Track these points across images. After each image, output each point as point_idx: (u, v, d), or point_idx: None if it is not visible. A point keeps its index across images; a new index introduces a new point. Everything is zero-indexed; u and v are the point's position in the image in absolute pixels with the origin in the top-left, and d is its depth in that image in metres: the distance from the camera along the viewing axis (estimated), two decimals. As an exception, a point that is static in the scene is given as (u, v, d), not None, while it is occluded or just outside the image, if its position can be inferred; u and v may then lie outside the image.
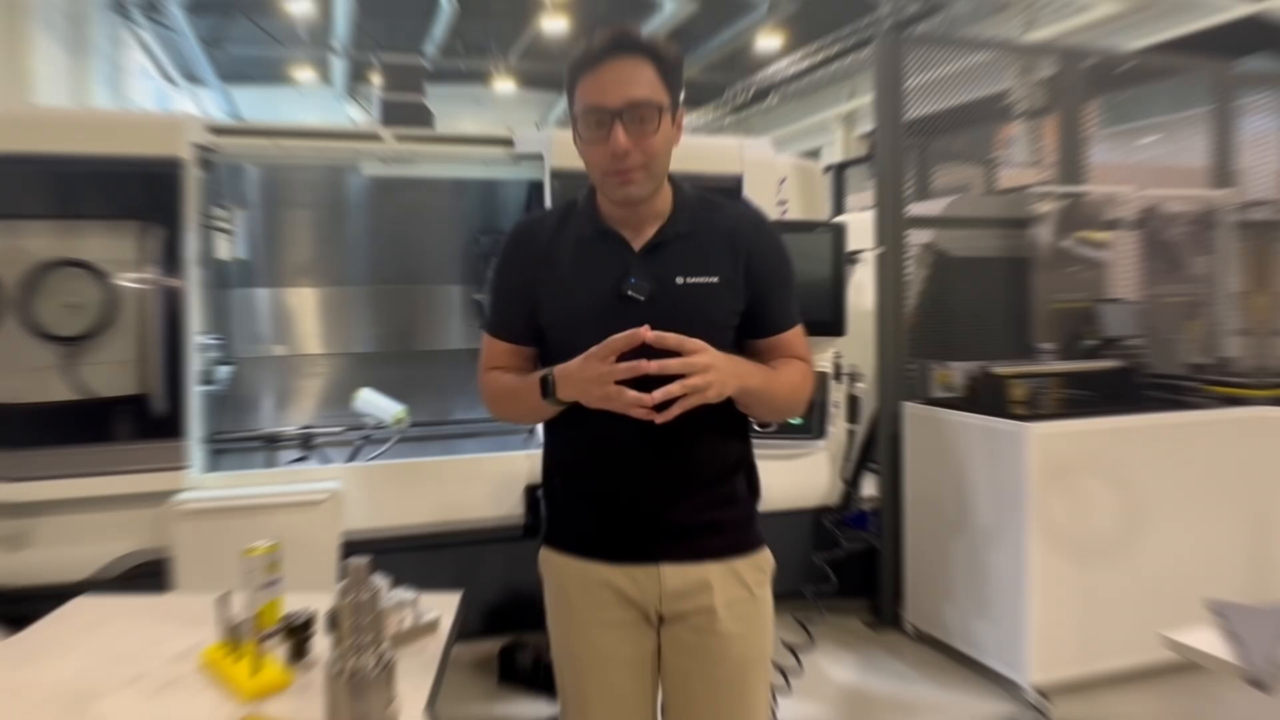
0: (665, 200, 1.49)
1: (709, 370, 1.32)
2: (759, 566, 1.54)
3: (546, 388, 1.39)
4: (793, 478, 3.51)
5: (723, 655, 1.47)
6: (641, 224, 1.48)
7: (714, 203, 1.55)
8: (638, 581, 1.47)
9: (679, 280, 1.45)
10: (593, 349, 1.32)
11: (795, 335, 1.55)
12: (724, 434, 1.51)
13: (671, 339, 1.31)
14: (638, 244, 1.47)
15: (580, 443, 1.50)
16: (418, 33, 14.18)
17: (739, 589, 1.49)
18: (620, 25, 1.42)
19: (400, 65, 3.66)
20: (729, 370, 1.35)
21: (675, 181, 1.51)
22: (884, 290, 3.59)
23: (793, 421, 2.69)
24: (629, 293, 1.43)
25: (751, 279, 1.49)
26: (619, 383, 1.31)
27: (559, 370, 1.38)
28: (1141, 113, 4.46)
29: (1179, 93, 4.29)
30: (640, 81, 1.38)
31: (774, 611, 1.57)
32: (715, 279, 1.46)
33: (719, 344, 1.46)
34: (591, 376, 1.32)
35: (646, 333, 1.30)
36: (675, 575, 1.47)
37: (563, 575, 1.52)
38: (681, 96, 1.46)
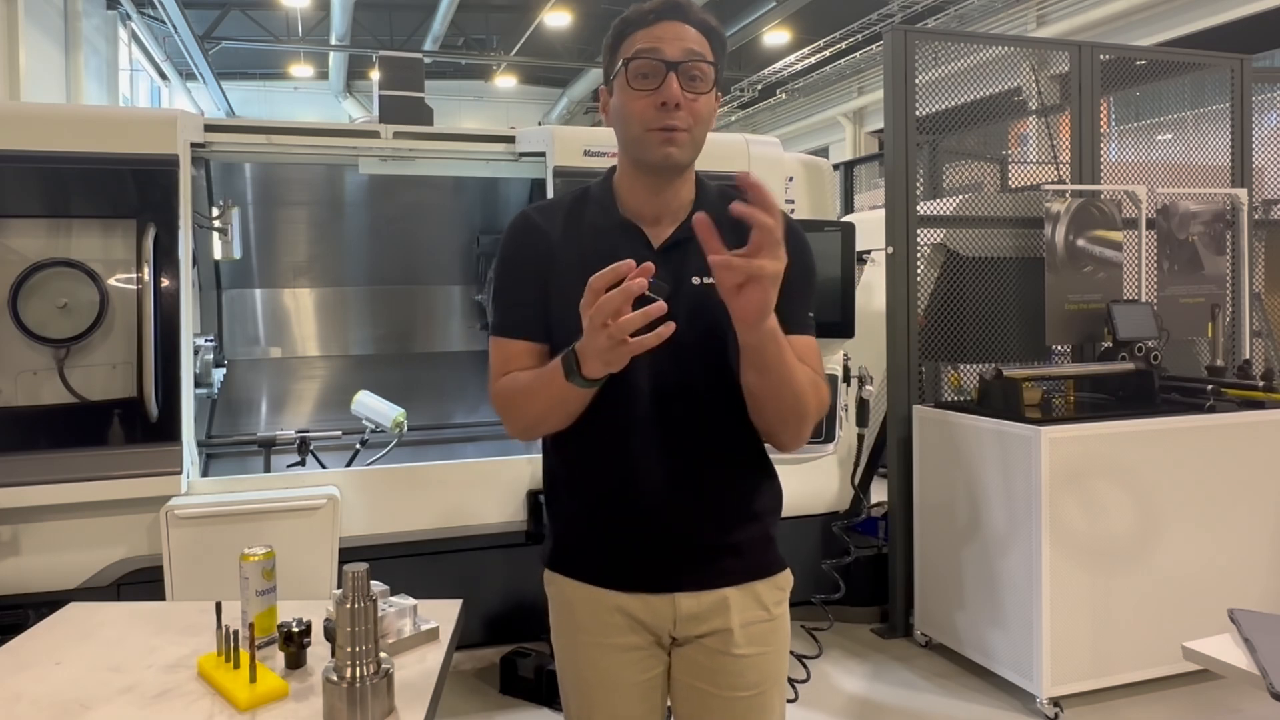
0: (688, 191, 1.41)
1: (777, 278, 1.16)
2: (778, 585, 1.47)
3: (569, 366, 1.22)
4: (801, 483, 3.46)
5: (738, 678, 1.41)
6: (662, 215, 1.39)
7: (735, 198, 1.46)
8: (651, 607, 1.41)
9: (695, 281, 1.36)
10: (583, 301, 1.16)
11: (807, 345, 1.40)
12: (745, 444, 1.42)
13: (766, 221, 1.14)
14: (657, 240, 1.39)
15: (589, 455, 1.41)
16: (417, 27, 14.13)
17: (757, 610, 1.43)
18: None
19: (399, 61, 3.60)
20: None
21: (698, 176, 1.44)
22: (894, 291, 3.54)
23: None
24: (648, 293, 1.34)
25: None
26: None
27: (580, 342, 1.20)
28: (1157, 109, 4.39)
29: (1196, 89, 4.23)
30: (697, 43, 1.34)
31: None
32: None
33: (736, 349, 1.37)
34: (588, 325, 1.16)
35: (642, 269, 1.15)
36: (691, 600, 1.40)
37: (570, 597, 1.46)
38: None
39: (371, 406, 3.45)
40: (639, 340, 1.14)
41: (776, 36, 13.80)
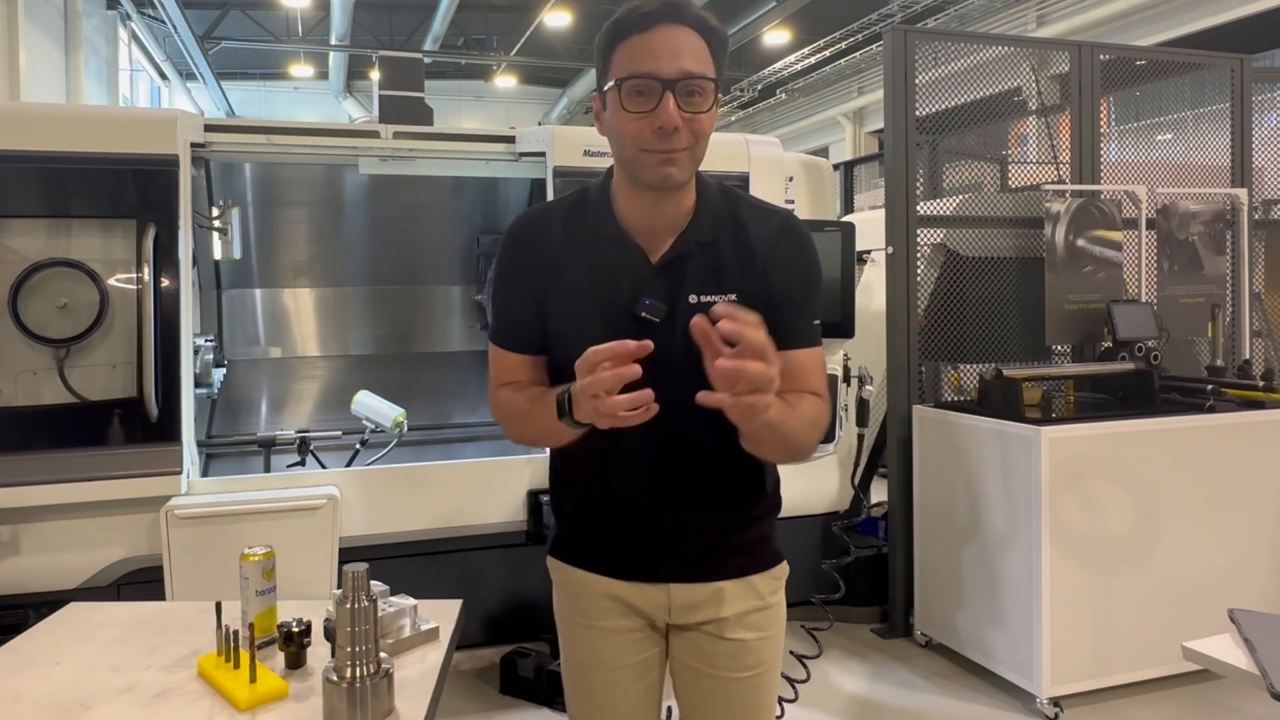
0: (689, 200, 1.35)
1: (773, 385, 1.11)
2: (775, 576, 1.49)
3: (562, 407, 1.23)
4: (801, 483, 3.41)
5: (736, 660, 1.44)
6: (660, 227, 1.34)
7: (739, 199, 1.40)
8: (646, 595, 1.44)
9: (692, 299, 1.32)
10: (578, 362, 1.15)
11: (809, 360, 1.36)
12: (742, 455, 1.39)
13: (751, 337, 1.08)
14: (655, 254, 1.34)
15: (592, 457, 1.42)
16: (417, 27, 14.13)
17: (753, 600, 1.45)
18: None
19: (399, 61, 3.60)
20: None
21: (699, 176, 1.37)
22: (894, 291, 3.54)
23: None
24: (643, 315, 1.32)
25: (770, 289, 1.36)
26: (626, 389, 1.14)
27: (575, 387, 1.21)
28: (1157, 109, 4.40)
29: (1196, 89, 4.23)
30: (696, 54, 1.25)
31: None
32: (733, 295, 1.32)
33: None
34: (578, 389, 1.16)
35: (646, 346, 1.12)
36: (685, 591, 1.43)
37: (569, 581, 1.50)
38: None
39: (371, 406, 3.45)
40: (625, 416, 1.13)
41: (776, 36, 13.80)
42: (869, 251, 4.21)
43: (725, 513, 1.43)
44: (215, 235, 3.40)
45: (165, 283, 2.83)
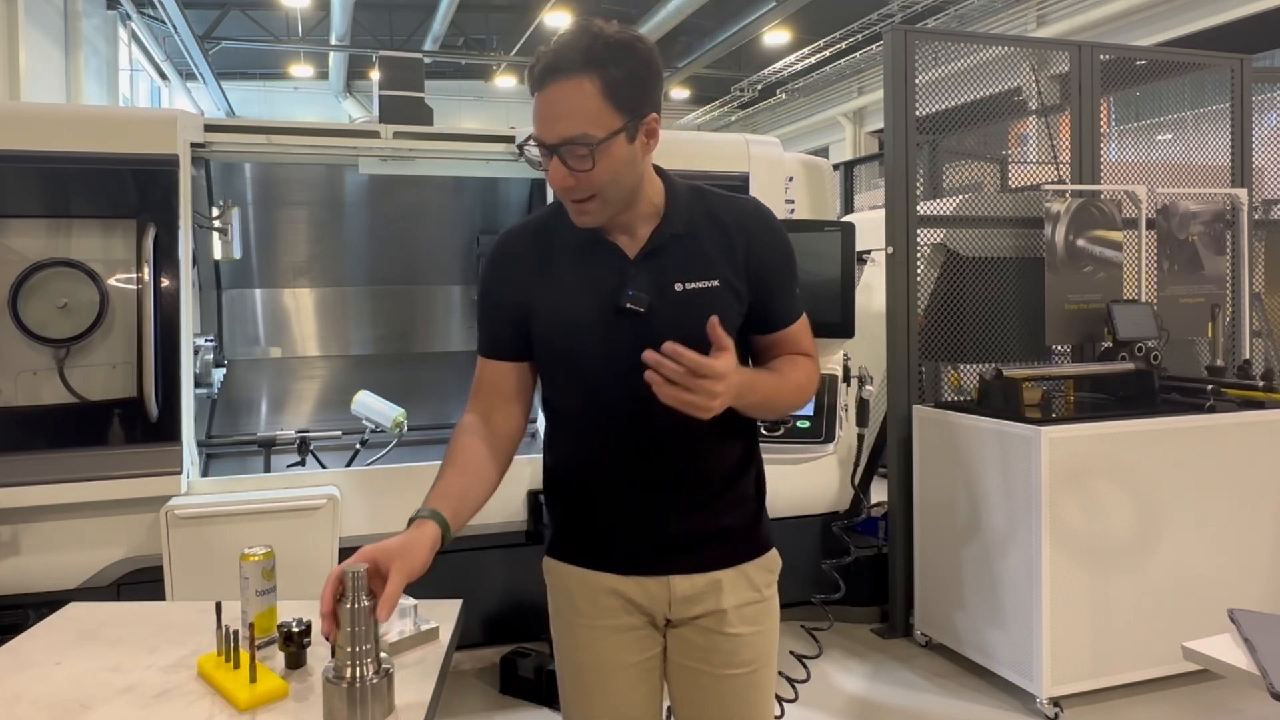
0: (657, 198, 1.42)
1: (717, 397, 1.24)
2: (767, 568, 1.52)
3: (413, 517, 1.41)
4: (800, 483, 3.45)
5: (732, 656, 1.46)
6: (634, 226, 1.41)
7: (709, 195, 1.47)
8: (646, 589, 1.45)
9: (678, 287, 1.39)
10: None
11: (799, 329, 1.50)
12: (730, 436, 1.47)
13: (690, 360, 1.21)
14: (633, 249, 1.41)
15: (582, 452, 1.47)
16: (417, 27, 14.14)
17: (749, 591, 1.47)
18: (566, 34, 1.28)
19: (399, 61, 3.60)
20: (736, 384, 1.28)
21: (665, 176, 1.44)
22: (894, 291, 3.54)
23: (800, 425, 2.65)
24: (628, 305, 1.37)
25: (752, 274, 1.43)
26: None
27: (410, 535, 1.39)
28: (1157, 109, 4.40)
29: (1196, 89, 4.23)
30: (575, 113, 1.26)
31: (782, 620, 1.56)
32: (716, 282, 1.40)
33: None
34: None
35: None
36: (685, 583, 1.45)
37: (567, 581, 1.50)
38: (655, 98, 1.33)
39: (371, 406, 3.45)
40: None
41: (776, 36, 13.81)
42: (869, 251, 4.20)
43: (716, 491, 1.46)
44: (215, 235, 3.40)
45: (165, 283, 2.83)
